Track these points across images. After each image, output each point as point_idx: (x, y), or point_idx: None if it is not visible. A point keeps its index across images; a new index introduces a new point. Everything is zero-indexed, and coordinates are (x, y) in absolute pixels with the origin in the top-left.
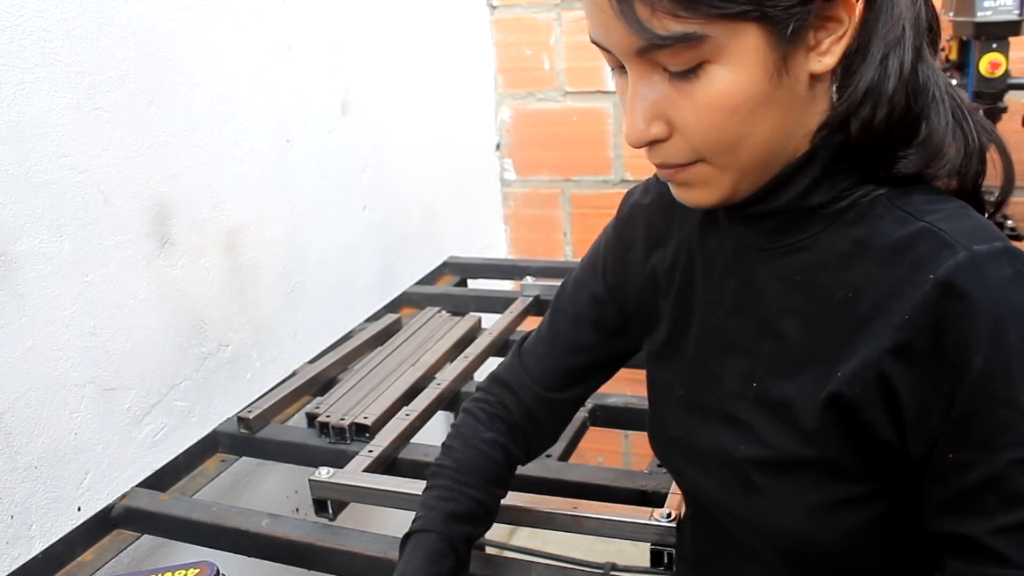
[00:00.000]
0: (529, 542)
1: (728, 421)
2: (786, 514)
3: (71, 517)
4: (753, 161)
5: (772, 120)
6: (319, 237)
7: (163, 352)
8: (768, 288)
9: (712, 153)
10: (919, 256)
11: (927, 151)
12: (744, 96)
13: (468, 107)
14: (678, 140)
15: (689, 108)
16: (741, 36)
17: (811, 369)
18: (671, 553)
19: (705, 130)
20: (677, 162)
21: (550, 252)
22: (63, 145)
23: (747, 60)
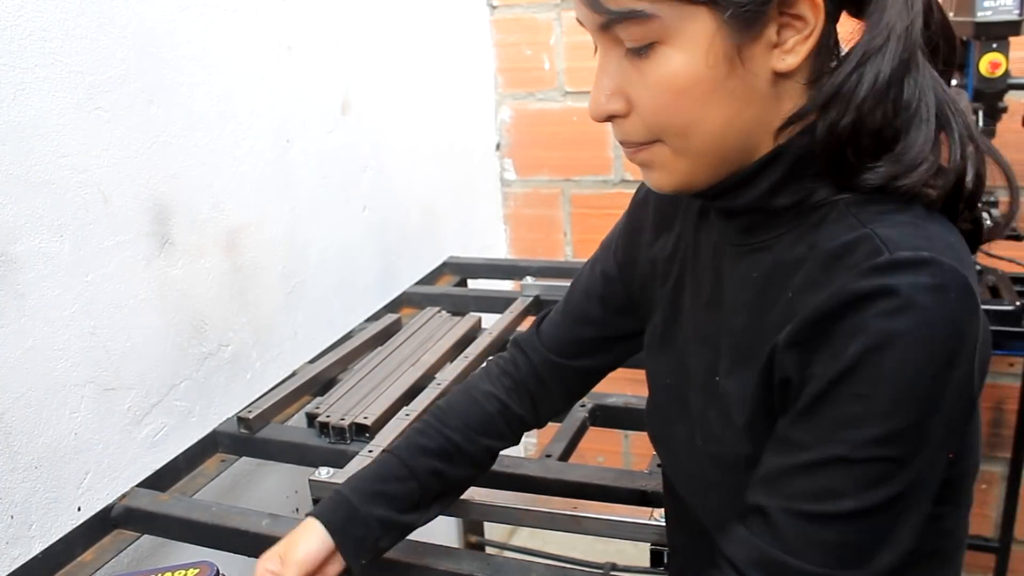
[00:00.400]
0: (529, 542)
1: (693, 414)
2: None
3: (71, 517)
4: (707, 148)
5: (726, 110)
6: (319, 237)
7: (163, 352)
8: (732, 284)
9: (665, 134)
10: (854, 262)
11: (898, 166)
12: (692, 80)
13: (468, 107)
14: (635, 118)
15: (642, 86)
16: (692, 20)
17: (748, 365)
18: (671, 553)
19: (656, 110)
20: (635, 139)
21: (550, 252)
22: (63, 145)
23: (697, 45)
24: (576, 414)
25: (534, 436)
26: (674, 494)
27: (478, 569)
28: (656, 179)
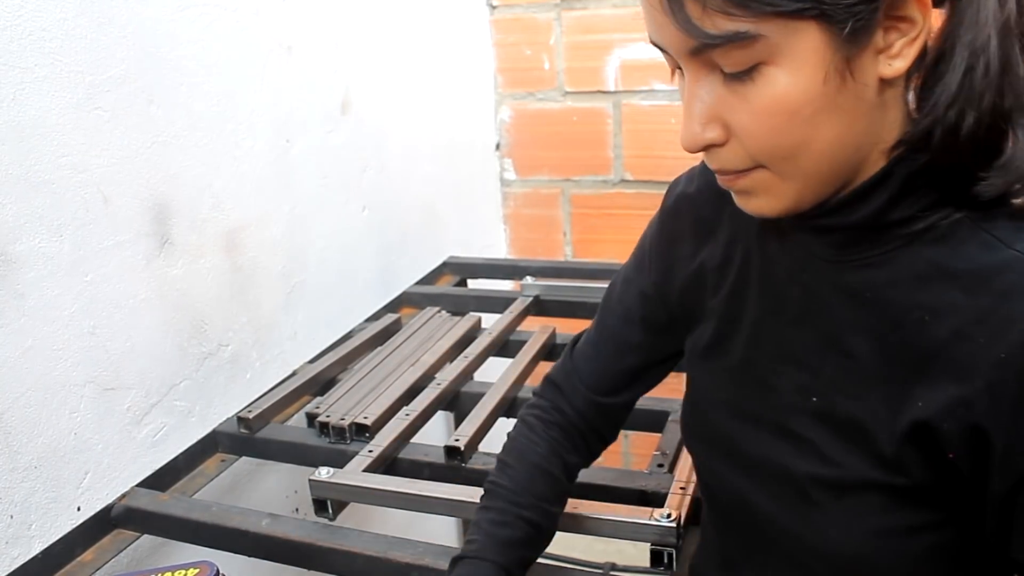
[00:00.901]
0: None
1: (784, 433)
2: (845, 535)
3: (71, 517)
4: (817, 170)
5: (836, 127)
6: (319, 237)
7: (163, 352)
8: (835, 302)
9: (771, 160)
10: (1008, 286)
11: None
12: (803, 100)
13: (468, 107)
14: (735, 145)
15: (745, 112)
16: (799, 36)
17: (882, 390)
18: (671, 553)
19: (763, 135)
20: (735, 168)
21: (550, 252)
22: (63, 145)
23: (806, 62)
24: None
25: None
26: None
27: None
28: (757, 205)
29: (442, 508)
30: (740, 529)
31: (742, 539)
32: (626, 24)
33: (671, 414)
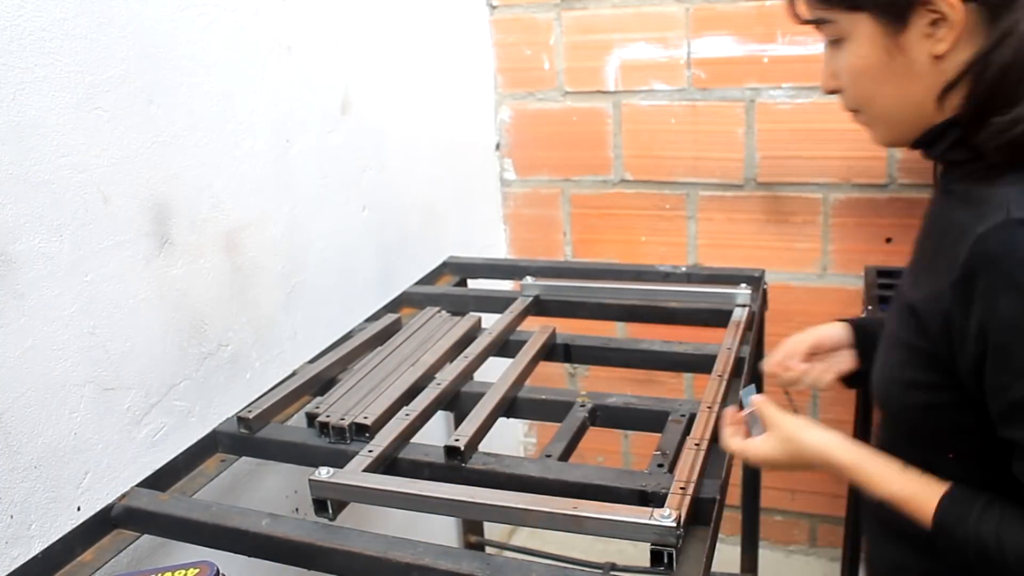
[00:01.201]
0: (529, 542)
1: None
2: (882, 377)
3: (71, 517)
4: (889, 116)
5: (894, 87)
6: (319, 237)
7: (163, 352)
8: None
9: (858, 107)
10: (984, 212)
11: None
12: (863, 66)
13: (468, 107)
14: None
15: (840, 70)
16: (858, 23)
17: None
18: (671, 553)
19: (847, 87)
20: (849, 107)
21: (550, 252)
22: (63, 145)
23: (864, 40)
24: (576, 414)
25: (534, 436)
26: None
27: (478, 569)
28: (873, 136)
29: (442, 508)
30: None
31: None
32: (626, 24)
33: (671, 414)
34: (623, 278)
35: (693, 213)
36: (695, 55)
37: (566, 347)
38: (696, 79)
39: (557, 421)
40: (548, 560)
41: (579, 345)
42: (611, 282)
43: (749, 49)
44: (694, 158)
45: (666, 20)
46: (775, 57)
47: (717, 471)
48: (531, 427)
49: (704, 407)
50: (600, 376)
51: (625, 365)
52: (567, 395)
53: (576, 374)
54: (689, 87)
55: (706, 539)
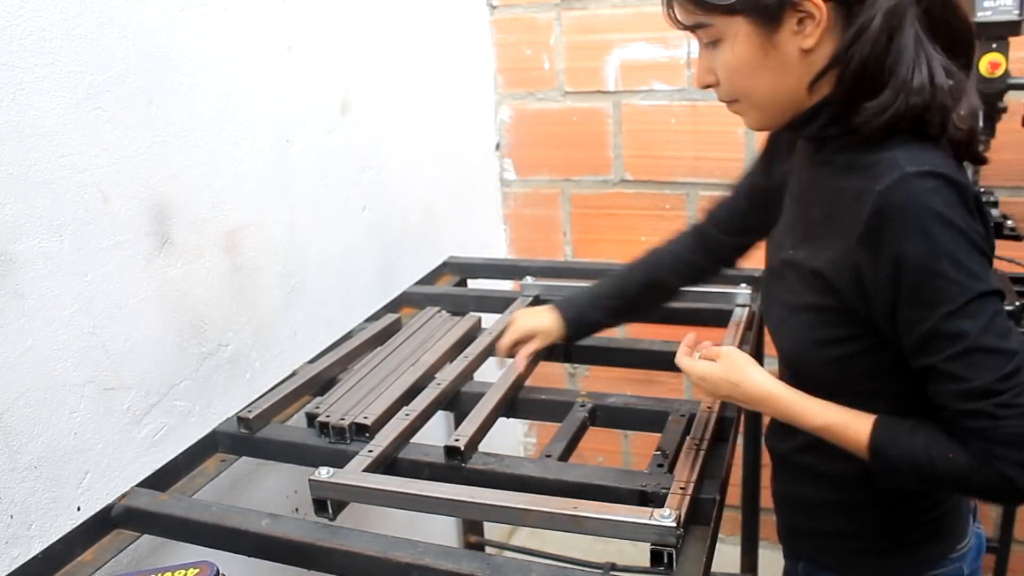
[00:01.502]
0: (529, 542)
1: (777, 274)
2: (791, 341)
3: (71, 517)
4: (765, 104)
5: (769, 78)
6: (319, 237)
7: (163, 352)
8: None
9: (738, 96)
10: (877, 173)
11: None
12: (740, 63)
13: (468, 107)
14: (721, 86)
15: (717, 67)
16: (733, 25)
17: (812, 244)
18: (671, 553)
19: (727, 82)
20: (725, 99)
21: (550, 252)
22: (63, 145)
23: (740, 40)
24: (576, 414)
25: (534, 436)
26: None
27: (478, 569)
28: (747, 122)
29: (442, 508)
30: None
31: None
32: (626, 24)
33: (671, 414)
34: None
35: (693, 213)
36: (695, 55)
37: (566, 347)
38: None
39: (557, 421)
40: (548, 560)
41: (579, 345)
42: None
43: None
44: (694, 158)
45: None
46: None
47: (717, 471)
48: (531, 427)
49: (704, 407)
50: (600, 376)
51: (625, 365)
52: (567, 395)
53: (576, 374)
54: (689, 87)
55: (706, 539)
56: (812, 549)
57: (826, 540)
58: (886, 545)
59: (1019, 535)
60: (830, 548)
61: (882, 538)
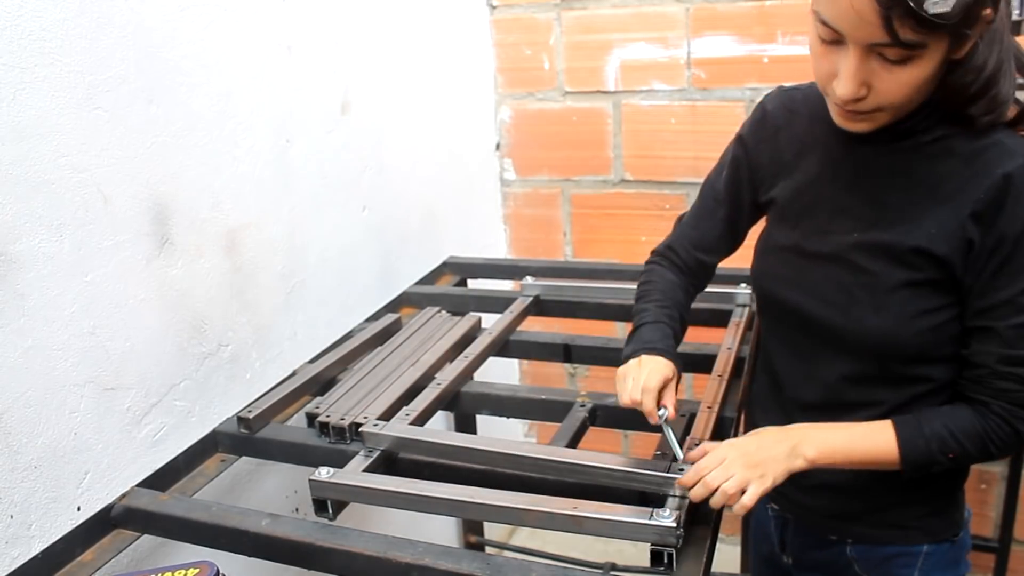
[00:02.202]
0: (529, 542)
1: (834, 258)
2: (879, 321)
3: (71, 517)
4: (903, 107)
5: (927, 88)
6: (319, 237)
7: (163, 352)
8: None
9: (891, 107)
10: (989, 159)
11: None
12: (928, 77)
13: (468, 107)
14: (872, 98)
15: (893, 83)
16: (939, 43)
17: (908, 226)
18: (671, 553)
19: (898, 97)
20: (865, 110)
21: (550, 252)
22: (63, 145)
23: (936, 57)
24: (576, 414)
25: (534, 436)
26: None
27: (478, 569)
28: (863, 127)
29: (442, 508)
30: (792, 333)
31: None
32: (626, 24)
33: None
34: (623, 278)
35: None
36: (695, 55)
37: (566, 347)
38: (696, 79)
39: (557, 421)
40: (548, 560)
41: (579, 345)
42: (611, 282)
43: (749, 49)
44: (694, 158)
45: (666, 20)
46: (775, 57)
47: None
48: (531, 427)
49: (704, 407)
50: (600, 376)
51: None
52: (567, 395)
53: (576, 374)
54: (689, 87)
55: (706, 539)
56: (866, 527)
57: (881, 516)
58: (932, 508)
59: (1019, 535)
60: (888, 521)
61: (927, 503)
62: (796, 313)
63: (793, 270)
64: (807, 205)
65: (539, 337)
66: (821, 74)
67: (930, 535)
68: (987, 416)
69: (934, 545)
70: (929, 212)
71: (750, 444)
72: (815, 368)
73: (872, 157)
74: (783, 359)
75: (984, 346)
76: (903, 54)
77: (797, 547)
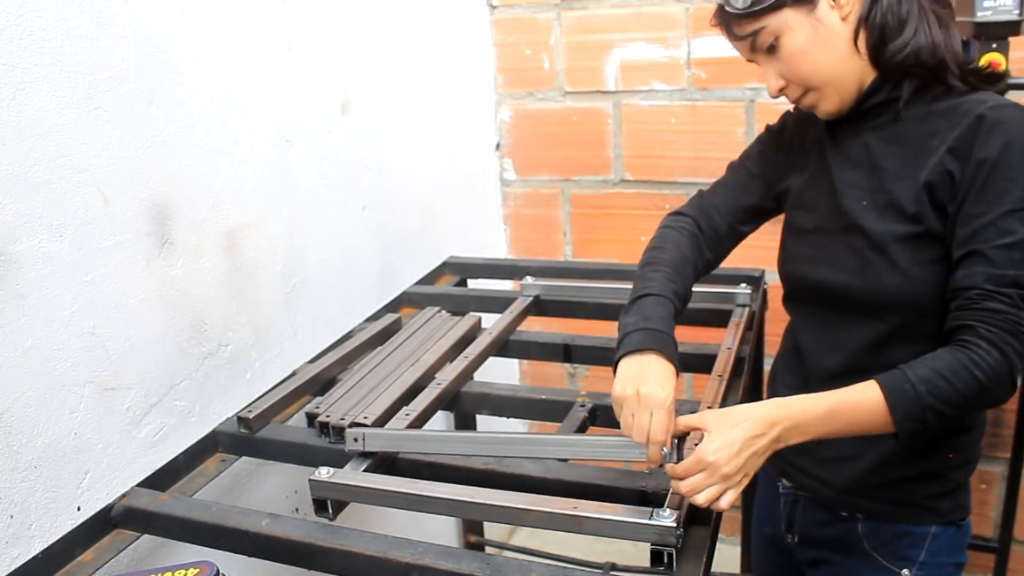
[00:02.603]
0: (529, 542)
1: (849, 229)
2: (892, 277)
3: (71, 517)
4: (832, 83)
5: (829, 55)
6: (319, 237)
7: (163, 352)
8: (874, 146)
9: (808, 84)
10: (967, 108)
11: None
12: (800, 47)
13: (468, 107)
14: (791, 86)
15: (784, 66)
16: (783, 19)
17: (904, 181)
18: (671, 553)
19: (796, 74)
20: (796, 95)
21: (550, 252)
22: (63, 145)
23: (793, 28)
24: (576, 414)
25: None
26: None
27: (478, 569)
28: (822, 110)
29: (442, 508)
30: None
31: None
32: (626, 24)
33: None
34: (623, 278)
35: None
36: (695, 55)
37: (566, 347)
38: (696, 79)
39: (557, 421)
40: (548, 560)
41: (579, 345)
42: (611, 282)
43: None
44: (694, 158)
45: (666, 20)
46: None
47: None
48: (531, 427)
49: (704, 407)
50: (600, 376)
51: None
52: (567, 395)
53: (576, 374)
54: (689, 87)
55: (706, 539)
56: (878, 503)
57: (894, 491)
58: (942, 488)
59: (1019, 535)
60: (900, 497)
61: (939, 481)
62: (818, 287)
63: (814, 249)
64: (822, 190)
65: (539, 337)
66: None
67: (939, 516)
68: (974, 346)
69: (941, 527)
70: (920, 165)
71: (734, 444)
72: (839, 336)
73: (866, 133)
74: (808, 334)
75: (971, 269)
76: (765, 41)
77: (806, 524)
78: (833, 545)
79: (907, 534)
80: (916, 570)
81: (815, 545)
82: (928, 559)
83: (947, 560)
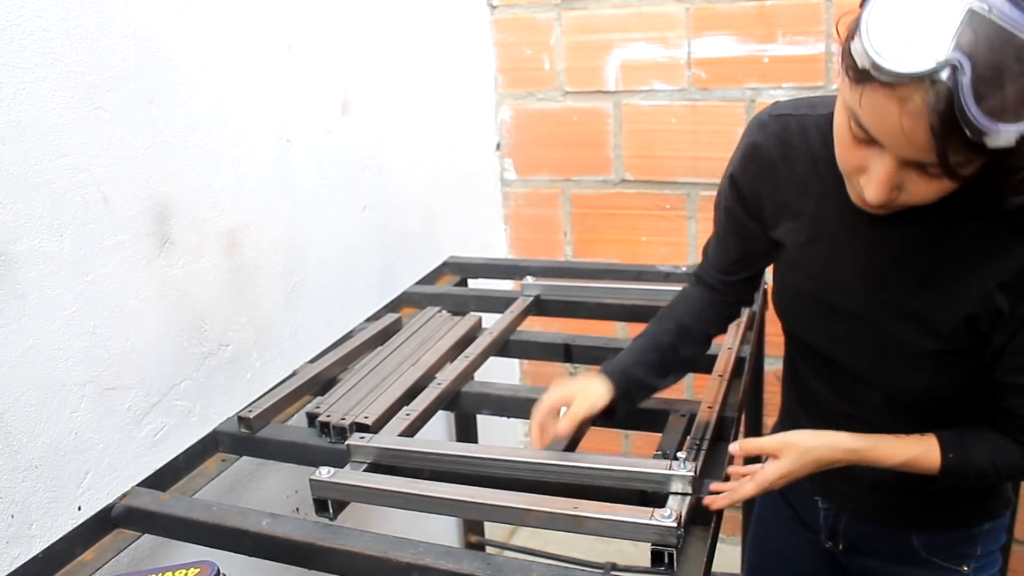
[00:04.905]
0: (529, 542)
1: (859, 318)
2: (915, 380)
3: (71, 516)
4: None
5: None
6: (319, 237)
7: (163, 352)
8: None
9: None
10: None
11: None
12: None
13: (468, 107)
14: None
15: (928, 189)
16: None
17: (934, 292)
18: (671, 553)
19: (931, 199)
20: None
21: (550, 252)
22: (63, 145)
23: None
24: None
25: None
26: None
27: (478, 569)
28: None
29: (442, 508)
30: (824, 365)
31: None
32: (626, 24)
33: (671, 414)
34: (623, 278)
35: (693, 213)
36: (695, 55)
37: (566, 347)
38: (696, 79)
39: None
40: (548, 560)
41: (579, 345)
42: (611, 282)
43: (749, 49)
44: (694, 158)
45: (666, 20)
46: (775, 57)
47: (717, 471)
48: None
49: (704, 407)
50: None
51: None
52: None
53: (576, 374)
54: (689, 87)
55: (706, 539)
56: (929, 517)
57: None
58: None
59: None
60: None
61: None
62: (828, 357)
63: (818, 317)
64: (824, 255)
65: (539, 337)
66: (847, 165)
67: (989, 516)
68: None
69: (991, 522)
70: (957, 281)
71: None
72: (853, 393)
73: (895, 220)
74: (818, 381)
75: (1019, 399)
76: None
77: (853, 537)
78: (888, 556)
79: (963, 536)
80: (975, 563)
81: (866, 554)
82: (983, 552)
83: (995, 547)
